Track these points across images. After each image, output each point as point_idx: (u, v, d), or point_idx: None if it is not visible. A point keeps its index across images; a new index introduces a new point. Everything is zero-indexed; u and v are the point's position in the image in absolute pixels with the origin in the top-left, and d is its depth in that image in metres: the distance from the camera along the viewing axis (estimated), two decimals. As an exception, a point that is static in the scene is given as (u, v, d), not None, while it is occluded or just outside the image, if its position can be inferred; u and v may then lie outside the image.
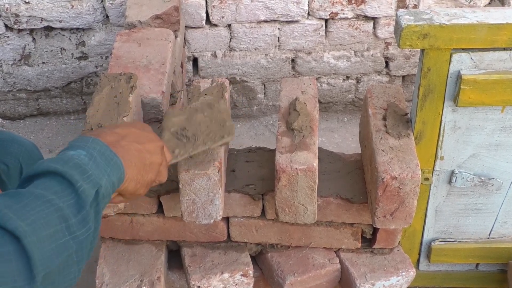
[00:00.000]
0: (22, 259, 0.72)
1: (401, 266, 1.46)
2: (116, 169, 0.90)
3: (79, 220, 0.80)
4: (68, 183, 0.82)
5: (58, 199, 0.79)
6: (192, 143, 1.19)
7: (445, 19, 1.24)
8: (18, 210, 0.75)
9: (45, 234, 0.75)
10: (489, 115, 1.37)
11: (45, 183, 0.81)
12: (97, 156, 0.88)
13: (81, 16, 2.24)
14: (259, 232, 1.47)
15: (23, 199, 0.77)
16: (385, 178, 1.26)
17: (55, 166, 0.82)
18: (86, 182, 0.83)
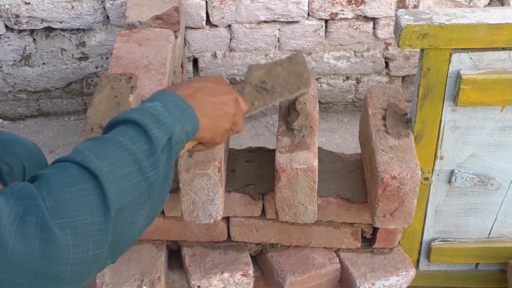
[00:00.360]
0: (99, 195, 0.82)
1: (401, 266, 1.46)
2: (190, 118, 0.98)
3: (151, 163, 0.89)
4: (142, 130, 0.90)
5: (133, 144, 0.88)
6: (271, 94, 1.27)
7: (445, 19, 1.24)
8: (99, 153, 0.86)
9: (120, 174, 0.85)
10: (488, 115, 1.37)
11: (123, 129, 0.91)
12: (172, 107, 0.96)
13: (81, 16, 2.25)
14: (259, 232, 1.47)
15: (104, 143, 0.88)
16: (385, 177, 1.26)
17: (133, 116, 0.92)
18: (159, 130, 0.92)
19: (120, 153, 0.87)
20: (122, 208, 0.85)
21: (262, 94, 1.27)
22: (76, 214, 0.80)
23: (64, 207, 0.80)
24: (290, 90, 1.29)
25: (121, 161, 0.86)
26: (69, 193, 0.81)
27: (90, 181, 0.83)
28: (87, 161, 0.84)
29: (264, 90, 1.27)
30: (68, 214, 0.79)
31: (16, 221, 0.77)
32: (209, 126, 1.03)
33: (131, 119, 0.92)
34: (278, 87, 1.28)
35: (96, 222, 0.81)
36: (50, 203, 0.79)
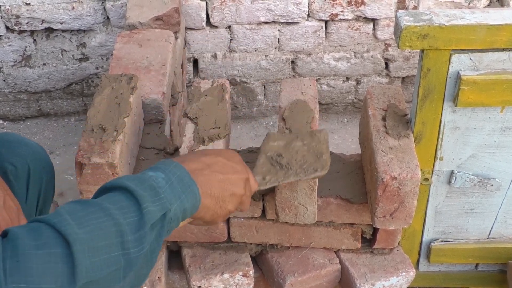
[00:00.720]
0: (68, 264, 0.76)
1: (401, 267, 1.46)
2: (191, 196, 0.93)
3: (135, 238, 0.83)
4: (135, 202, 0.85)
5: (120, 215, 0.82)
6: (285, 171, 1.19)
7: (445, 20, 1.24)
8: (80, 217, 0.80)
9: (99, 244, 0.79)
10: (488, 115, 1.38)
11: (115, 196, 0.86)
12: (175, 181, 0.91)
13: (81, 17, 2.25)
14: (260, 232, 1.47)
15: (89, 208, 0.82)
16: (385, 178, 1.27)
17: (129, 184, 0.87)
18: (154, 204, 0.86)
19: (104, 222, 0.81)
20: (92, 283, 0.78)
21: (276, 169, 1.19)
22: (37, 281, 0.73)
23: (25, 270, 0.73)
24: (306, 170, 1.19)
25: (103, 230, 0.80)
26: (35, 256, 0.75)
27: (61, 246, 0.77)
28: (63, 224, 0.78)
29: (279, 165, 1.20)
30: (28, 279, 0.73)
31: None
32: (211, 207, 0.98)
33: (126, 187, 0.86)
34: (294, 165, 1.20)
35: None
36: (10, 264, 0.73)
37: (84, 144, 1.30)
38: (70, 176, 2.19)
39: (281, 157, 1.20)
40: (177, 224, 0.93)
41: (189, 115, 1.39)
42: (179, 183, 0.92)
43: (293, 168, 1.19)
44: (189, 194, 0.92)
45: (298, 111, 1.38)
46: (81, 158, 1.27)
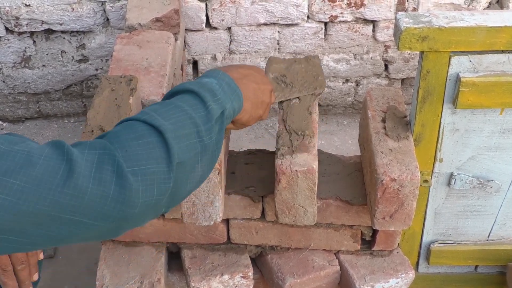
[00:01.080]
0: (164, 149, 0.91)
1: (400, 268, 1.46)
2: (237, 98, 1.09)
3: (206, 129, 0.98)
4: (201, 100, 1.00)
5: (192, 110, 0.98)
6: (290, 88, 1.36)
7: (444, 22, 1.24)
8: (163, 113, 0.95)
9: (181, 133, 0.94)
10: (488, 117, 1.38)
11: (184, 97, 1.01)
12: (225, 85, 1.07)
13: (81, 19, 2.25)
14: (259, 234, 1.47)
15: (167, 106, 0.98)
16: (385, 180, 1.27)
17: (193, 87, 1.02)
18: (214, 103, 1.02)
19: (181, 116, 0.96)
20: (182, 163, 0.92)
21: (282, 87, 1.35)
22: (145, 163, 0.88)
23: (135, 156, 0.88)
24: (308, 88, 1.36)
25: (182, 122, 0.95)
26: (137, 145, 0.89)
27: (155, 135, 0.91)
28: (153, 119, 0.93)
29: (284, 83, 1.35)
30: (138, 163, 0.87)
31: (94, 168, 0.84)
32: (248, 110, 1.14)
33: (191, 90, 1.02)
34: (296, 83, 1.36)
35: (161, 171, 0.89)
36: (122, 153, 0.87)
37: (83, 146, 1.30)
38: (69, 178, 2.19)
39: (285, 77, 1.37)
40: (229, 121, 1.09)
41: (188, 116, 1.39)
42: (228, 87, 1.07)
43: (296, 86, 1.36)
44: (235, 96, 1.08)
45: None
46: (80, 160, 1.27)
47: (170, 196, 0.93)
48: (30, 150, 0.81)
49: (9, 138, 0.83)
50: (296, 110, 1.38)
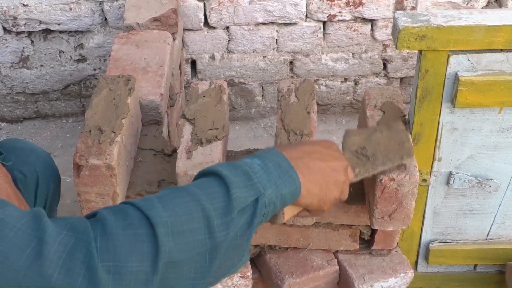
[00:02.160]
0: (151, 244, 0.80)
1: (399, 268, 1.46)
2: (289, 182, 0.93)
3: (222, 223, 0.85)
4: (224, 187, 0.87)
5: (208, 200, 0.85)
6: (372, 162, 1.20)
7: (443, 21, 1.24)
8: (167, 201, 0.84)
9: (182, 228, 0.82)
10: (486, 116, 1.37)
11: (205, 182, 0.89)
12: (272, 167, 0.92)
13: (79, 18, 2.25)
14: (258, 233, 1.47)
15: (177, 193, 0.86)
16: (383, 179, 1.26)
17: (220, 169, 0.89)
18: (246, 189, 0.88)
19: (190, 206, 0.84)
20: (175, 263, 0.82)
21: (363, 162, 1.20)
22: (124, 259, 0.78)
23: (114, 249, 0.78)
24: (392, 159, 1.22)
25: (188, 214, 0.83)
26: (122, 235, 0.79)
27: (146, 227, 0.81)
28: (149, 208, 0.82)
29: (365, 157, 1.20)
30: (116, 257, 0.78)
31: (64, 254, 0.76)
32: (316, 193, 0.98)
33: (217, 172, 0.89)
34: (379, 155, 1.21)
35: (142, 272, 0.79)
36: (101, 243, 0.78)
37: (81, 146, 1.29)
38: (68, 178, 2.19)
39: (365, 149, 1.21)
40: (274, 209, 0.93)
41: (186, 116, 1.39)
42: (276, 169, 0.92)
43: (379, 158, 1.21)
44: (286, 180, 0.93)
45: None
46: (78, 160, 1.27)
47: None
48: (4, 218, 0.75)
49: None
50: (294, 109, 1.38)
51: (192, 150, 1.30)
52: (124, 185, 1.36)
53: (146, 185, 1.39)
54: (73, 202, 2.12)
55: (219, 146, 1.31)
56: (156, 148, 1.49)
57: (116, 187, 1.30)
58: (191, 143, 1.32)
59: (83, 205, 1.33)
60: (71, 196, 2.15)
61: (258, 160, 0.93)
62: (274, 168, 0.92)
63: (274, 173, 0.92)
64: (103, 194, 1.31)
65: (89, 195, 1.31)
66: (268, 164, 0.93)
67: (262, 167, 0.92)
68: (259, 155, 0.95)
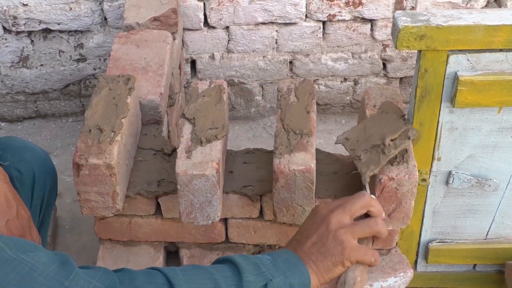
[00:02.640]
0: None
1: (399, 267, 1.46)
2: (298, 274, 1.02)
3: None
4: (237, 272, 0.98)
5: (223, 280, 0.97)
6: (381, 152, 1.22)
7: (442, 21, 1.24)
8: (189, 275, 0.96)
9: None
10: (486, 116, 1.38)
11: (221, 267, 1.01)
12: (280, 262, 1.03)
13: (79, 18, 2.25)
14: (257, 233, 1.47)
15: (198, 270, 0.98)
16: (383, 179, 1.27)
17: (236, 258, 1.01)
18: (255, 276, 0.99)
19: (208, 284, 0.96)
20: None
21: (373, 155, 1.21)
22: None
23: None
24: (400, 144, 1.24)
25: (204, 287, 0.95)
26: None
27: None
28: (174, 277, 0.94)
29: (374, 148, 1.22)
30: None
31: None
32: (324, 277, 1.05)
33: (232, 260, 1.01)
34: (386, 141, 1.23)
35: None
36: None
37: (81, 145, 1.30)
38: (67, 177, 2.19)
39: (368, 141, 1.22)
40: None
41: (186, 116, 1.39)
42: (284, 263, 1.02)
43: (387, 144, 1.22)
44: (295, 272, 1.02)
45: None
46: (78, 159, 1.27)
47: None
48: (35, 263, 0.79)
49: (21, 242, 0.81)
50: (294, 109, 1.38)
51: (192, 150, 1.31)
52: (124, 184, 1.36)
53: (146, 185, 1.39)
54: (73, 202, 2.12)
55: (218, 145, 1.31)
56: (156, 147, 1.49)
57: (116, 186, 1.30)
58: (190, 142, 1.32)
59: (82, 204, 1.33)
60: (71, 196, 2.15)
61: (269, 256, 1.04)
62: (282, 263, 1.02)
63: (283, 266, 1.02)
64: (103, 194, 1.31)
65: (89, 195, 1.31)
66: (277, 259, 1.03)
67: (271, 261, 1.02)
68: (271, 253, 1.05)
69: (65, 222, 2.10)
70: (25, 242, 0.82)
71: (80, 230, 2.06)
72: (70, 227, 2.09)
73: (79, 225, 2.07)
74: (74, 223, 2.09)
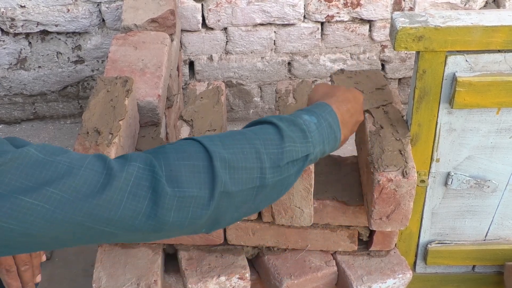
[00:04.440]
0: (209, 175, 0.90)
1: (397, 268, 1.46)
2: (333, 141, 1.07)
3: (271, 167, 0.96)
4: (280, 138, 0.98)
5: (262, 145, 0.96)
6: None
7: (440, 22, 1.24)
8: (227, 141, 0.95)
9: (239, 165, 0.93)
10: (484, 117, 1.37)
11: (264, 129, 0.99)
12: (325, 126, 1.05)
13: (77, 20, 2.25)
14: (256, 235, 1.47)
15: (236, 135, 0.97)
16: (381, 180, 1.26)
17: (280, 123, 0.99)
18: (300, 145, 0.99)
19: (248, 148, 0.95)
20: (229, 193, 0.92)
21: None
22: (186, 185, 0.88)
23: (177, 178, 0.88)
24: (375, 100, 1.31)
25: (245, 155, 0.94)
26: (183, 166, 0.89)
27: (205, 160, 0.91)
28: (210, 144, 0.93)
29: None
30: (179, 184, 0.87)
31: (131, 183, 0.85)
32: (347, 137, 1.14)
33: (276, 124, 1.00)
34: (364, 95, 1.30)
35: (200, 197, 0.89)
36: (165, 172, 0.88)
37: (79, 147, 1.29)
38: (66, 179, 2.19)
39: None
40: (315, 160, 1.07)
41: (184, 117, 1.38)
42: (328, 129, 1.05)
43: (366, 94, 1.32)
44: (332, 139, 1.06)
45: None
46: (76, 161, 1.27)
47: (210, 221, 0.93)
48: (71, 161, 0.83)
49: (51, 148, 0.84)
50: (292, 110, 1.38)
51: (190, 152, 1.30)
52: (122, 186, 1.36)
53: (144, 187, 1.39)
54: (71, 204, 2.12)
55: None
56: (154, 149, 1.48)
57: (114, 188, 1.29)
58: (188, 144, 1.32)
59: (80, 206, 1.33)
60: (69, 198, 2.14)
61: (315, 119, 1.04)
62: (326, 128, 1.05)
63: (325, 133, 1.04)
64: (100, 196, 1.30)
65: (86, 197, 1.31)
66: (322, 124, 1.04)
67: (317, 126, 1.03)
68: (316, 113, 1.05)
69: (63, 224, 2.09)
70: (56, 147, 0.85)
71: (78, 232, 2.06)
72: (69, 229, 2.08)
73: (77, 227, 2.07)
74: (73, 225, 2.08)
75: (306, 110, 1.07)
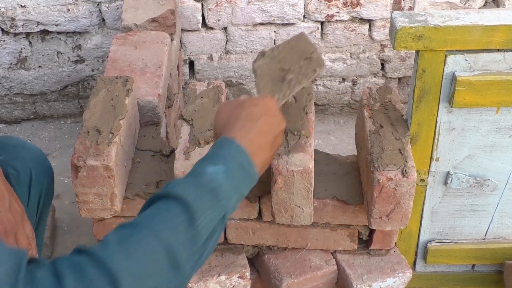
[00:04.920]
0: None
1: (397, 267, 1.46)
2: (249, 180, 0.94)
3: (188, 255, 0.83)
4: (190, 217, 0.83)
5: (172, 235, 0.81)
6: (287, 84, 1.16)
7: (440, 21, 1.24)
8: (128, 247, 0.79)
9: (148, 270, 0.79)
10: (484, 116, 1.38)
11: (168, 211, 0.83)
12: (235, 170, 0.91)
13: (77, 19, 2.25)
14: (256, 234, 1.47)
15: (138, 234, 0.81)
16: (381, 179, 1.27)
17: (185, 195, 0.84)
18: (211, 212, 0.85)
19: (155, 247, 0.81)
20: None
21: (278, 86, 1.15)
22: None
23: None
24: (306, 74, 1.16)
25: (153, 255, 0.80)
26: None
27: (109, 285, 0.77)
28: (110, 260, 0.78)
29: (280, 81, 1.16)
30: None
31: None
32: (263, 166, 1.02)
33: (181, 198, 0.85)
34: (292, 75, 1.16)
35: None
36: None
37: (79, 147, 1.29)
38: (66, 179, 2.19)
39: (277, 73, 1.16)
40: (234, 210, 0.93)
41: (184, 117, 1.39)
42: (239, 171, 0.92)
43: (294, 77, 1.16)
44: (247, 179, 0.93)
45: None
46: (76, 161, 1.27)
47: None
48: None
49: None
50: (292, 110, 1.38)
51: (190, 151, 1.31)
52: (122, 186, 1.36)
53: (144, 186, 1.39)
54: (72, 203, 2.12)
55: (217, 146, 1.31)
56: (154, 149, 1.49)
57: (114, 188, 1.30)
58: (189, 144, 1.32)
59: (81, 206, 1.33)
60: (69, 197, 2.14)
61: (222, 167, 0.90)
62: (237, 171, 0.91)
63: (238, 177, 0.91)
64: (101, 195, 1.31)
65: (87, 196, 1.31)
66: (231, 168, 0.91)
67: (226, 174, 0.90)
68: (221, 157, 0.92)
69: (63, 224, 2.10)
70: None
71: (79, 232, 2.06)
72: (69, 228, 2.08)
73: (77, 226, 2.07)
74: (73, 224, 2.09)
75: (211, 158, 0.93)
